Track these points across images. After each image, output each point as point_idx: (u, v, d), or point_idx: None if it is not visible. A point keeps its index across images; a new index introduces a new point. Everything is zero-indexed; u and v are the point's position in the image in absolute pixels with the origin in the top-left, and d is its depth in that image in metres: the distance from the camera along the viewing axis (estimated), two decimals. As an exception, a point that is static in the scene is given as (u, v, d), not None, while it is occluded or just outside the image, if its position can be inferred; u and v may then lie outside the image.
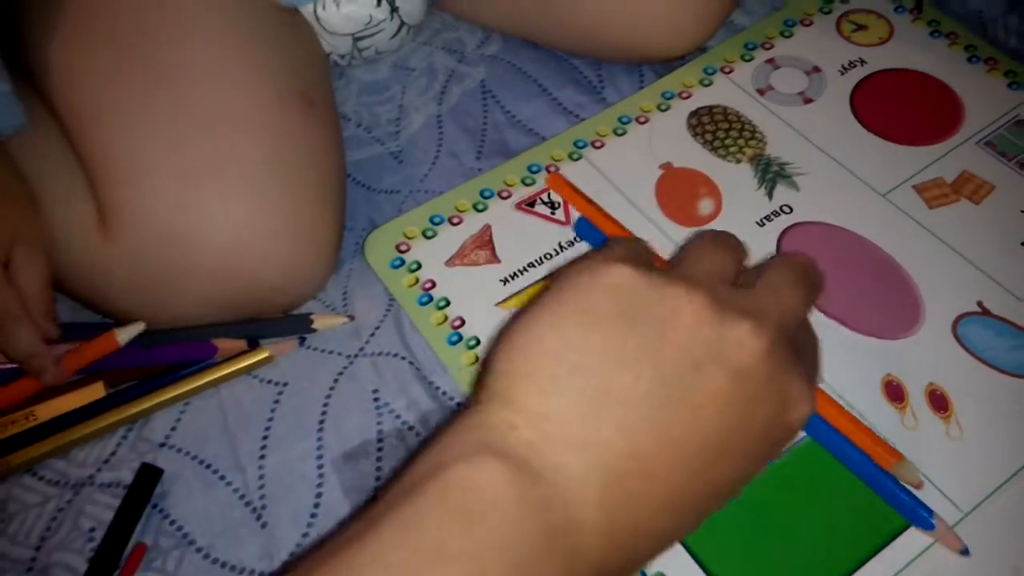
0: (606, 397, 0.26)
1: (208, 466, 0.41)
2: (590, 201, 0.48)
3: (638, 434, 0.25)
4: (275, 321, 0.45)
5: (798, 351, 0.29)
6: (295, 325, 0.44)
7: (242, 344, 0.44)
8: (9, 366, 0.43)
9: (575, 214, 0.47)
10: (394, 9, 0.54)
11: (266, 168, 0.42)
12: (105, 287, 0.43)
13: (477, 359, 0.43)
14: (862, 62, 0.53)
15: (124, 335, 0.42)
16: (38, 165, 0.43)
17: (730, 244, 0.33)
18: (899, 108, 0.51)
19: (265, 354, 0.44)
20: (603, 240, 0.46)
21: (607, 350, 0.26)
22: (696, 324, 0.27)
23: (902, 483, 0.37)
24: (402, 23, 0.55)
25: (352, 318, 0.45)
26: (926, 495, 0.37)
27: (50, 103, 0.44)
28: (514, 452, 0.25)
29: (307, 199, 0.43)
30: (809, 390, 0.29)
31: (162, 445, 0.42)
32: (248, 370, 0.44)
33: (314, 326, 0.44)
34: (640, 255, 0.31)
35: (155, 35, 0.43)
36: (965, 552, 0.35)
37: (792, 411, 0.28)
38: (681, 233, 0.46)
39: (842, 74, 0.53)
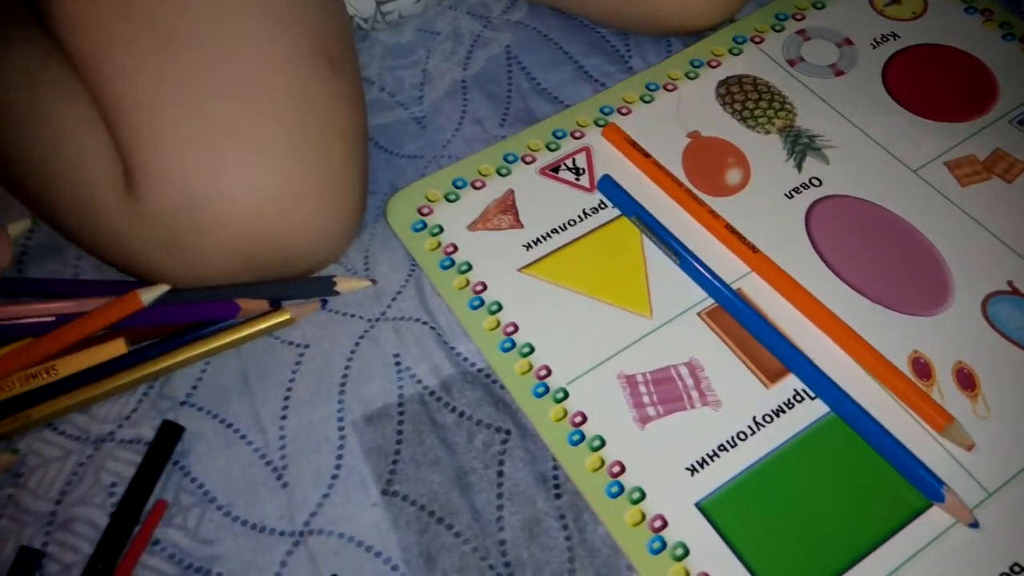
0: None
1: (229, 425, 0.41)
2: (647, 155, 0.47)
3: None
4: (298, 283, 0.44)
5: None
6: (318, 287, 0.44)
7: (264, 304, 0.43)
8: (21, 321, 0.42)
9: (600, 178, 0.47)
10: None
11: (290, 131, 0.41)
12: (129, 245, 0.43)
13: (498, 324, 0.43)
14: (895, 36, 0.52)
15: (148, 295, 0.41)
16: (61, 119, 0.43)
17: None
18: (932, 84, 0.50)
19: (286, 316, 0.43)
20: (626, 199, 0.45)
21: None
22: None
23: (951, 444, 0.38)
24: None
25: (375, 282, 0.45)
26: (952, 474, 0.37)
27: (73, 63, 0.43)
28: None
29: (331, 162, 0.43)
30: None
31: (183, 403, 0.42)
32: (269, 331, 0.43)
33: (337, 289, 0.44)
34: None
35: None
36: (975, 525, 0.36)
37: None
38: (709, 202, 0.45)
39: (874, 48, 0.52)
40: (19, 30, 0.42)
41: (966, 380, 0.40)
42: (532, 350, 0.42)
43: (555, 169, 0.48)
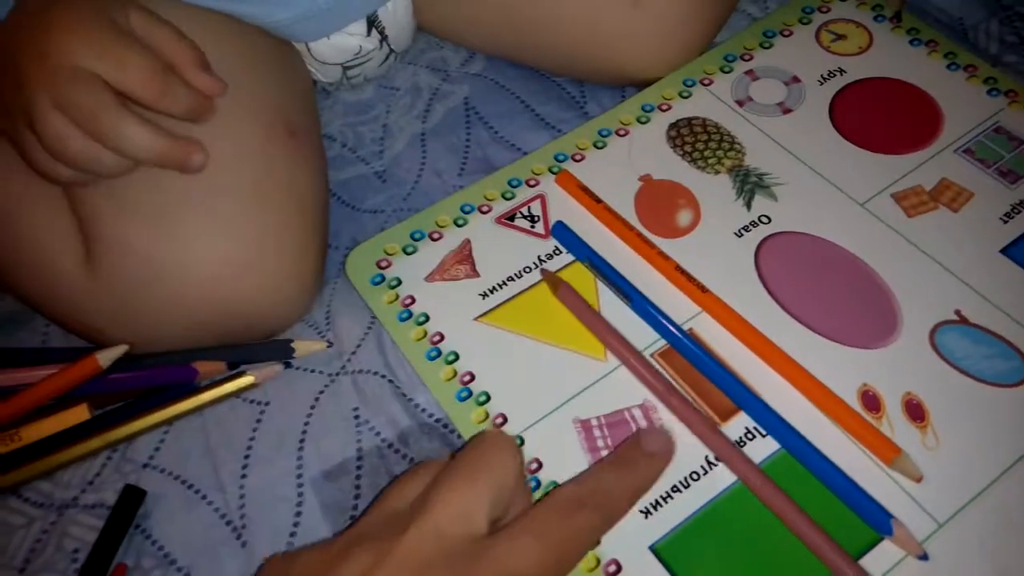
0: None
1: (190, 486, 0.42)
2: (598, 200, 0.48)
3: None
4: (256, 346, 0.45)
5: None
6: (275, 351, 0.45)
7: (221, 367, 0.44)
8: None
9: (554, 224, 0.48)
10: (383, 39, 0.54)
11: (246, 202, 0.43)
12: (92, 318, 0.44)
13: (455, 374, 0.43)
14: (841, 71, 0.53)
15: (106, 357, 0.42)
16: (22, 196, 0.44)
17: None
18: (878, 117, 0.51)
19: (251, 380, 0.44)
20: (579, 244, 0.46)
21: None
22: None
23: (902, 477, 0.38)
24: (391, 51, 0.56)
25: (330, 344, 0.46)
26: (902, 506, 0.37)
27: None
28: None
29: (288, 231, 0.44)
30: None
31: (145, 466, 0.43)
32: (233, 395, 0.44)
33: (295, 354, 0.45)
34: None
35: None
36: (924, 557, 0.36)
37: None
38: (661, 244, 0.46)
39: (821, 84, 0.53)
40: None
41: (915, 411, 0.40)
42: (488, 399, 0.42)
43: (511, 217, 0.49)
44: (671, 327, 0.43)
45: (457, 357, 0.44)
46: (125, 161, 0.40)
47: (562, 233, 0.47)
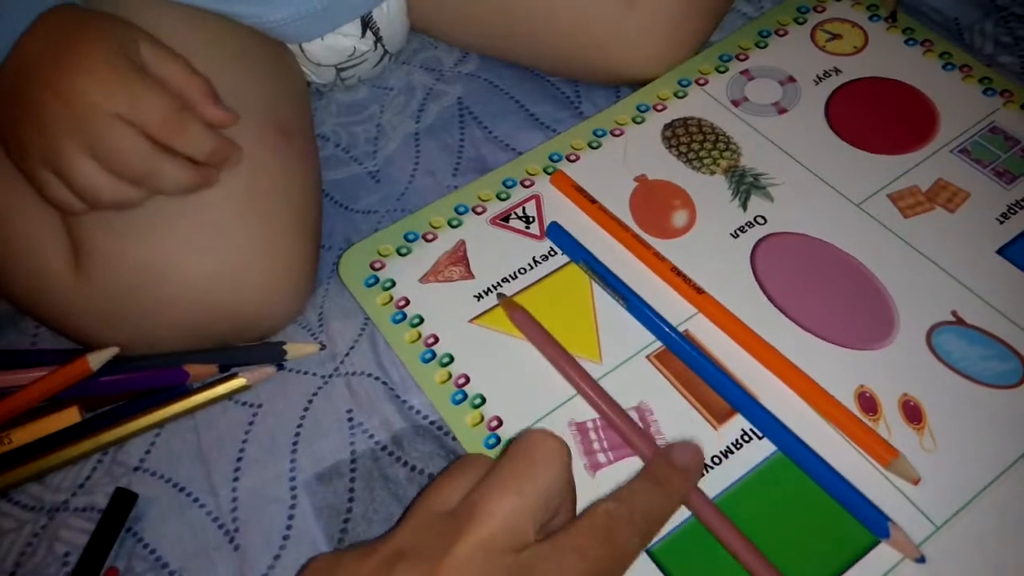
0: None
1: (182, 489, 0.41)
2: (593, 200, 0.48)
3: None
4: (248, 349, 0.45)
5: None
6: (267, 354, 0.44)
7: (213, 369, 0.44)
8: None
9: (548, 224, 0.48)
10: (377, 40, 0.54)
11: (239, 204, 0.42)
12: (81, 321, 0.43)
13: (450, 376, 0.43)
14: (837, 71, 0.53)
15: (96, 360, 0.42)
16: (11, 199, 0.43)
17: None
18: (874, 117, 0.51)
19: (242, 382, 0.43)
20: (574, 245, 0.46)
21: None
22: None
23: (899, 480, 0.38)
24: (385, 52, 0.56)
25: (324, 347, 0.45)
26: (900, 508, 0.37)
27: None
28: None
29: (281, 233, 0.44)
30: None
31: (136, 469, 0.42)
32: (226, 397, 0.44)
33: (287, 357, 0.44)
34: None
35: None
36: (921, 560, 0.35)
37: None
38: (656, 245, 0.46)
39: (817, 84, 0.53)
40: None
41: (912, 413, 0.40)
42: (484, 401, 0.42)
43: (505, 218, 0.49)
44: (667, 329, 0.43)
45: (452, 359, 0.44)
46: (149, 193, 0.40)
47: (557, 234, 0.47)
